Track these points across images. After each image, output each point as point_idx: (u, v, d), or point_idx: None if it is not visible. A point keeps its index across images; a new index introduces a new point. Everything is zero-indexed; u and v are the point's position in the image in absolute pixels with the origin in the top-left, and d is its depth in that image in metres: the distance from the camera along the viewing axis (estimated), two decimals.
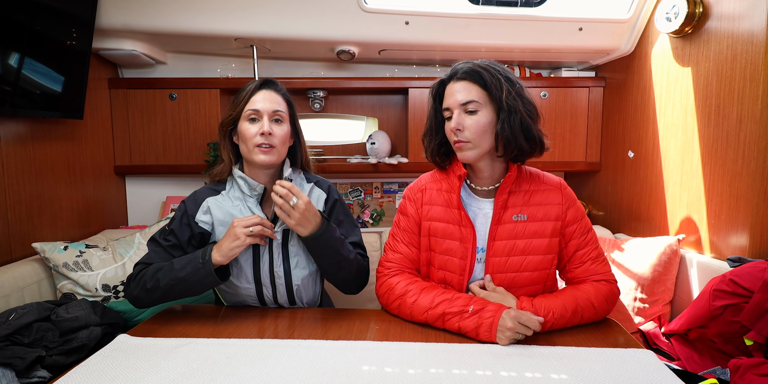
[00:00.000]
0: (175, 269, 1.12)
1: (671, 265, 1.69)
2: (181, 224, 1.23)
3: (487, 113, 1.09)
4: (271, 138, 1.20)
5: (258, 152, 1.20)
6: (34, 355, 1.17)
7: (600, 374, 0.88)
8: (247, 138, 1.21)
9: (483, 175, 1.17)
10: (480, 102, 1.08)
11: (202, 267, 1.10)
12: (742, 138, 1.49)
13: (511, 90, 1.07)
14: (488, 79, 1.07)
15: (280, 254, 1.25)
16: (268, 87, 1.25)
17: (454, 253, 1.16)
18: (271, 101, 1.23)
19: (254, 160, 1.21)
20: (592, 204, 2.40)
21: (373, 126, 2.49)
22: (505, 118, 1.07)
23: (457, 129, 1.10)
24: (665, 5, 1.74)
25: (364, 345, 1.01)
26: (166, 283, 1.12)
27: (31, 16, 1.50)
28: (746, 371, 1.09)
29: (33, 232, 1.69)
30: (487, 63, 1.12)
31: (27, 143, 1.67)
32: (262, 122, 1.21)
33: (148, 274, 1.15)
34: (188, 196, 1.29)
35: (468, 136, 1.09)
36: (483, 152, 1.11)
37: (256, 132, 1.20)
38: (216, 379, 0.86)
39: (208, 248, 1.13)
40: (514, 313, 1.01)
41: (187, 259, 1.13)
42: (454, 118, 1.10)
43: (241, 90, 1.26)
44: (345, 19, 1.91)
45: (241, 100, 1.23)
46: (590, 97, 2.27)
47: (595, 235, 1.20)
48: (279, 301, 1.28)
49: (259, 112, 1.21)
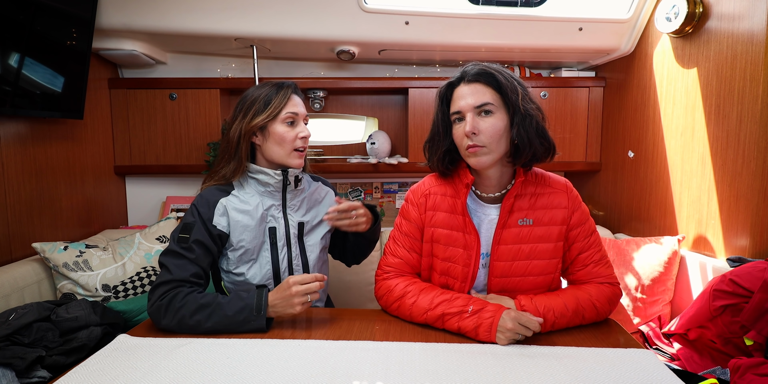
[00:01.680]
0: (226, 315, 1.05)
1: (671, 265, 1.69)
2: (202, 232, 1.17)
3: (502, 116, 1.07)
4: (307, 141, 1.25)
5: (295, 156, 1.23)
6: (34, 355, 1.17)
7: (600, 374, 0.88)
8: (286, 141, 1.21)
9: (491, 183, 1.15)
10: (495, 105, 1.06)
11: (255, 319, 1.05)
12: (742, 138, 1.49)
13: (526, 93, 1.06)
14: (503, 82, 1.05)
15: (298, 247, 1.28)
16: (296, 92, 1.27)
17: (457, 261, 1.15)
18: (303, 106, 1.26)
19: (289, 163, 1.23)
20: (592, 204, 2.40)
21: (373, 126, 2.49)
22: (520, 122, 1.04)
23: (472, 133, 1.05)
24: (665, 5, 1.74)
25: (364, 345, 1.00)
26: (211, 325, 1.05)
27: (31, 16, 1.50)
28: (746, 371, 1.09)
29: (33, 232, 1.69)
30: (495, 66, 1.10)
31: (27, 143, 1.67)
32: (300, 126, 1.24)
33: (188, 306, 1.06)
34: (196, 200, 1.23)
35: (483, 141, 1.05)
36: (497, 157, 1.08)
37: (296, 135, 1.22)
38: (216, 379, 0.86)
39: (263, 299, 1.06)
40: (514, 313, 1.01)
41: (238, 305, 1.06)
42: (468, 121, 1.05)
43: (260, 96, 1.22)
44: (345, 19, 1.91)
45: (280, 103, 1.21)
46: (590, 97, 2.27)
47: (598, 237, 1.18)
48: None
49: (298, 116, 1.23)
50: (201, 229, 1.17)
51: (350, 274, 1.95)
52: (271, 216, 1.26)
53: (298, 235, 1.29)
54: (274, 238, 1.25)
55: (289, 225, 1.28)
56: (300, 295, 1.06)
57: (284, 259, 1.26)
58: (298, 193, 1.30)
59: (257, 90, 1.25)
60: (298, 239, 1.29)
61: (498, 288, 1.15)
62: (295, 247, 1.28)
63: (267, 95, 1.22)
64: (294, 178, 1.26)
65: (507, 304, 1.08)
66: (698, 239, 1.69)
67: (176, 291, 1.08)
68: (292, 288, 1.06)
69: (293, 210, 1.29)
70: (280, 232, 1.26)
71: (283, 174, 1.24)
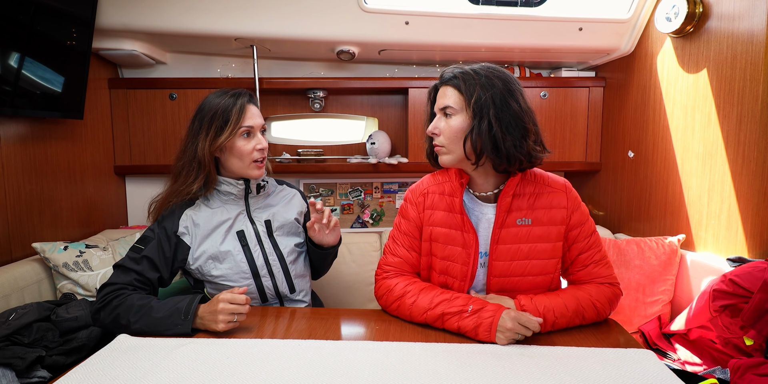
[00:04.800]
0: (156, 317, 1.07)
1: (671, 265, 1.69)
2: (154, 250, 1.20)
3: (462, 119, 1.07)
4: (265, 152, 1.25)
5: (254, 168, 1.25)
6: (34, 355, 1.17)
7: (600, 374, 0.88)
8: (244, 154, 1.23)
9: (477, 182, 1.16)
10: (455, 108, 1.07)
11: (181, 323, 1.06)
12: (742, 138, 1.49)
13: (482, 96, 1.03)
14: (462, 86, 1.06)
15: (270, 243, 1.30)
16: (250, 101, 1.26)
17: (456, 259, 1.15)
18: (258, 116, 1.26)
19: (250, 175, 1.25)
20: (592, 204, 2.40)
21: (373, 126, 2.48)
22: (476, 127, 1.05)
23: (433, 133, 1.11)
24: (665, 5, 1.74)
25: (364, 345, 1.00)
26: (139, 327, 1.07)
27: (31, 16, 1.50)
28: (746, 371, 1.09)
29: (33, 232, 1.69)
30: (477, 67, 1.08)
31: (27, 143, 1.67)
32: (257, 138, 1.25)
33: (123, 308, 1.09)
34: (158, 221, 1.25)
35: (442, 141, 1.10)
36: (457, 158, 1.10)
37: (253, 148, 1.23)
38: (216, 379, 0.86)
39: (192, 305, 1.07)
40: (514, 313, 1.01)
41: (169, 309, 1.08)
42: (433, 122, 1.12)
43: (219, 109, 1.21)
44: (345, 19, 1.91)
45: (237, 118, 1.21)
46: (590, 97, 2.27)
47: (598, 237, 1.18)
48: (280, 289, 1.30)
49: (253, 128, 1.24)
50: (154, 248, 1.20)
51: (350, 274, 1.95)
52: (237, 220, 1.29)
53: (268, 232, 1.31)
54: (244, 240, 1.27)
55: (256, 225, 1.30)
56: (225, 313, 1.05)
57: (259, 256, 1.28)
58: (260, 198, 1.33)
59: (215, 99, 1.23)
60: (268, 236, 1.31)
61: (497, 288, 1.15)
62: (268, 244, 1.30)
63: (225, 109, 1.21)
64: (256, 186, 1.29)
65: (507, 303, 1.08)
66: (698, 239, 1.69)
67: (119, 293, 1.13)
68: (219, 305, 1.05)
69: (258, 212, 1.32)
70: (249, 233, 1.28)
71: (245, 183, 1.27)
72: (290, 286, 1.32)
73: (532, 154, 1.07)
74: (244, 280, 1.26)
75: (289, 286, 1.32)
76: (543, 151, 1.10)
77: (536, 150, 1.08)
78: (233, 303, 1.05)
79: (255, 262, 1.27)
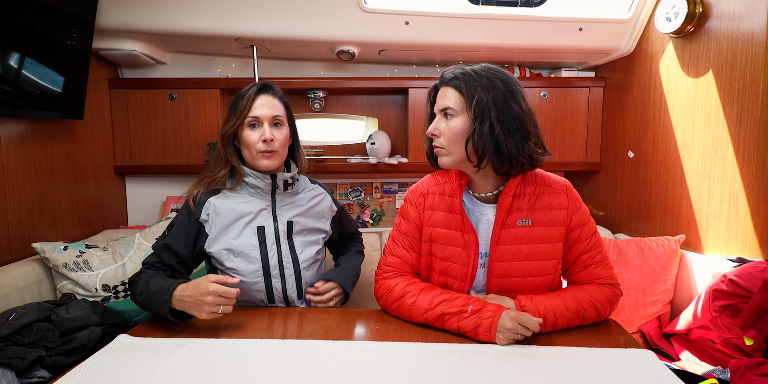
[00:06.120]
0: (149, 291, 1.13)
1: (671, 265, 1.69)
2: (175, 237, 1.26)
3: (463, 120, 1.06)
4: (272, 143, 1.24)
5: (261, 158, 1.25)
6: (34, 355, 1.17)
7: (600, 374, 0.88)
8: (250, 145, 1.24)
9: (477, 183, 1.16)
10: (456, 109, 1.07)
11: (163, 302, 1.09)
12: (742, 138, 1.49)
13: (484, 97, 1.03)
14: (463, 87, 1.05)
15: (287, 245, 1.29)
16: (265, 92, 1.27)
17: (456, 260, 1.15)
18: (270, 107, 1.26)
19: (258, 165, 1.26)
20: (592, 204, 2.40)
21: (373, 126, 2.49)
22: (477, 129, 1.04)
23: (433, 134, 1.11)
24: (665, 5, 1.74)
25: (364, 345, 1.01)
26: (141, 300, 1.17)
27: (31, 16, 1.50)
28: (746, 371, 1.09)
29: (33, 232, 1.69)
30: (478, 68, 1.08)
31: (27, 143, 1.67)
32: (263, 128, 1.24)
33: (139, 283, 1.19)
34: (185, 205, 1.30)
35: (442, 142, 1.10)
36: (458, 160, 1.09)
37: (258, 138, 1.24)
38: (216, 379, 0.86)
39: (174, 285, 1.10)
40: (513, 313, 1.01)
41: (159, 286, 1.12)
42: (433, 123, 1.11)
43: (237, 97, 1.27)
44: (345, 19, 1.91)
45: (243, 107, 1.24)
46: (590, 97, 2.27)
47: (599, 238, 1.18)
48: (288, 293, 1.29)
49: (259, 119, 1.24)
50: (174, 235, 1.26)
51: None
52: (260, 215, 1.28)
53: (288, 233, 1.30)
54: (262, 236, 1.27)
55: (278, 223, 1.29)
56: (212, 304, 1.04)
57: (274, 256, 1.28)
58: (288, 195, 1.33)
59: (241, 90, 1.28)
60: (287, 237, 1.30)
61: (497, 288, 1.15)
62: (285, 246, 1.29)
63: (238, 98, 1.27)
64: (283, 182, 1.28)
65: (507, 304, 1.08)
66: (698, 239, 1.69)
67: (143, 270, 1.24)
68: (208, 297, 1.04)
69: (284, 210, 1.32)
70: (269, 230, 1.28)
71: (272, 178, 1.27)
72: (299, 291, 1.30)
73: (534, 156, 1.06)
74: (255, 278, 1.26)
75: (298, 291, 1.30)
76: (544, 153, 1.09)
77: (537, 152, 1.07)
78: (223, 296, 1.05)
79: (269, 262, 1.27)
